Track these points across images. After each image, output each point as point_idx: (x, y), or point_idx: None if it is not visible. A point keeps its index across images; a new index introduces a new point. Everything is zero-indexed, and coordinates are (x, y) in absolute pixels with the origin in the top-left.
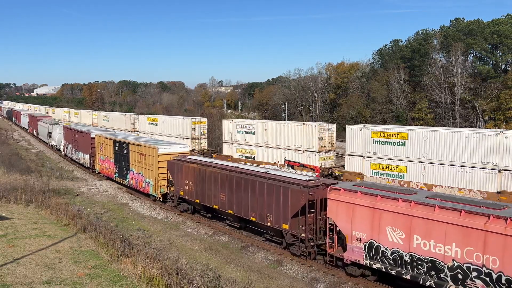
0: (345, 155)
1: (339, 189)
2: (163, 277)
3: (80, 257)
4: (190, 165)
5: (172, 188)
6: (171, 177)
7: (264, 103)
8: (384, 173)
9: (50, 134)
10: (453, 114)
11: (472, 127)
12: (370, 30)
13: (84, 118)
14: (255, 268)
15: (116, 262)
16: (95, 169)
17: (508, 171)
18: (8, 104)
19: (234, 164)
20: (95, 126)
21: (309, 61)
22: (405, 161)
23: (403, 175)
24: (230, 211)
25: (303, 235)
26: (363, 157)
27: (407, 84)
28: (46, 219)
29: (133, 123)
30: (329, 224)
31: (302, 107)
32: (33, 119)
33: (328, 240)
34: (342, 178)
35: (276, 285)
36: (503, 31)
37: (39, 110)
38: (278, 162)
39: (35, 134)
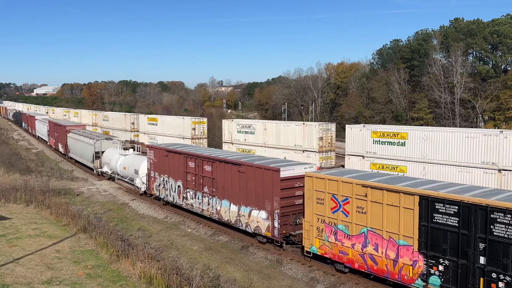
0: (345, 155)
1: None
2: (163, 277)
3: (80, 257)
4: None
5: None
6: None
7: (264, 103)
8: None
9: (97, 154)
10: (453, 114)
11: (472, 127)
12: (370, 30)
13: (84, 118)
14: (255, 268)
15: (116, 262)
16: (304, 249)
17: (508, 171)
18: (8, 104)
19: None
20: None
21: (309, 61)
22: (405, 161)
23: (403, 175)
24: None
25: None
26: (363, 157)
27: (407, 84)
28: (46, 219)
29: (133, 123)
30: None
31: (302, 107)
32: (58, 129)
33: None
34: None
35: (276, 285)
36: (503, 31)
37: (39, 110)
38: None
39: (61, 150)
